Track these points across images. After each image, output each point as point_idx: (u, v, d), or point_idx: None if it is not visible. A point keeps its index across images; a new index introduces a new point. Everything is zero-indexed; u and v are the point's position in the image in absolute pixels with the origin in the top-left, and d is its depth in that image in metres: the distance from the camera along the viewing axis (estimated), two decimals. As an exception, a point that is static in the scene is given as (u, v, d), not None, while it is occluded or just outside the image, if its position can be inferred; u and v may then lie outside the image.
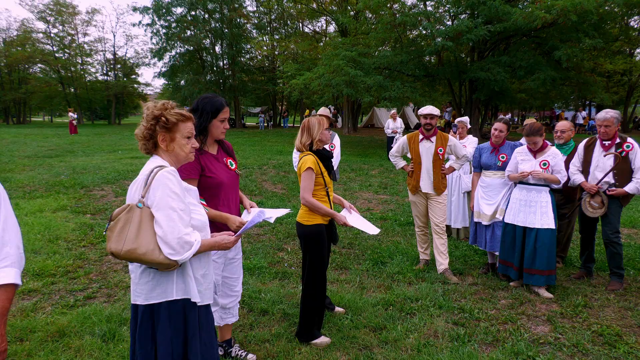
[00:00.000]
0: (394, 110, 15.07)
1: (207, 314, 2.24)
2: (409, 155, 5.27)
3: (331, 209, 3.60)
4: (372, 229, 3.57)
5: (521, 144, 5.00)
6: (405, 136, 5.32)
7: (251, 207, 3.01)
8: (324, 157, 3.55)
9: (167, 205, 1.99)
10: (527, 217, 4.58)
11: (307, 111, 34.35)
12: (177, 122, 2.15)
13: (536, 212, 4.54)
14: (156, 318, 2.09)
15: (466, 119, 6.55)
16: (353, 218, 3.63)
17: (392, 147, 14.68)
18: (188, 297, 2.13)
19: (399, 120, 14.95)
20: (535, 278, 4.55)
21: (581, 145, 4.97)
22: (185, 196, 2.10)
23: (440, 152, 5.05)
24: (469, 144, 6.28)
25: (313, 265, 3.52)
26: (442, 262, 5.10)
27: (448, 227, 6.64)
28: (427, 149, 5.09)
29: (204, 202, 2.44)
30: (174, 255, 1.97)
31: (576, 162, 4.95)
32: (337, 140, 5.98)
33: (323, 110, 5.76)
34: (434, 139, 5.10)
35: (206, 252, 2.23)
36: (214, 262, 2.81)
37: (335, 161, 5.83)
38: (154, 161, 2.14)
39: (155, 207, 2.00)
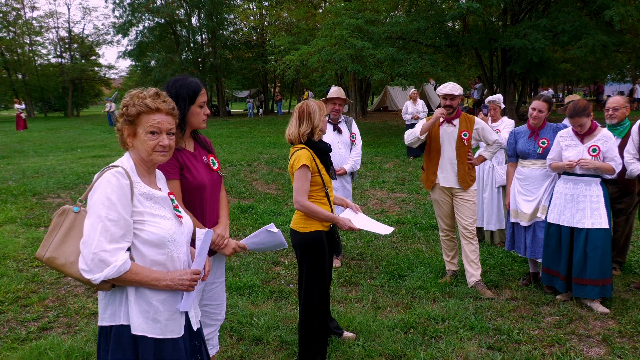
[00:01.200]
0: (413, 89, 14.12)
1: (176, 350, 2.18)
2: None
3: (332, 210, 3.60)
4: (384, 229, 3.57)
5: (565, 126, 4.97)
6: (424, 119, 5.30)
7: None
8: (321, 151, 3.54)
9: (95, 212, 2.02)
10: (575, 215, 4.56)
11: (306, 93, 34.31)
12: (139, 114, 2.18)
13: (585, 208, 4.52)
14: (110, 342, 2.13)
15: (499, 97, 6.53)
16: (359, 219, 3.62)
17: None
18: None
19: (420, 103, 13.69)
20: (587, 289, 4.54)
21: (635, 128, 4.94)
22: (130, 204, 2.08)
23: (465, 137, 5.04)
24: (504, 128, 6.26)
25: (311, 281, 3.52)
26: (473, 273, 5.10)
27: (479, 230, 6.63)
28: (449, 134, 5.08)
29: (180, 214, 2.37)
30: (86, 272, 2.00)
31: (631, 148, 4.92)
32: (356, 129, 5.95)
33: (337, 92, 5.72)
34: (456, 121, 5.08)
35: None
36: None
37: (357, 156, 5.81)
38: (121, 158, 2.23)
39: (87, 213, 2.06)
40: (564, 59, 24.12)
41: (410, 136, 5.11)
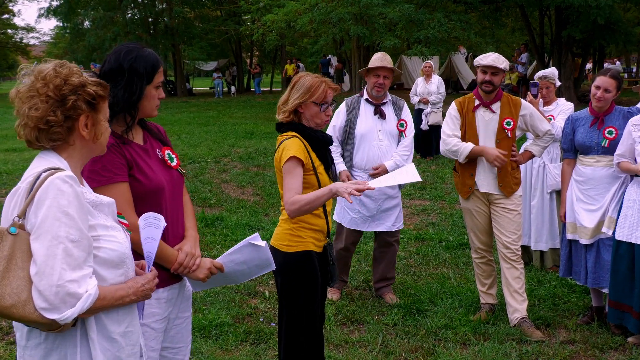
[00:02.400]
0: (428, 62, 13.48)
1: None
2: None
3: (328, 224, 3.63)
4: (409, 175, 3.48)
5: (639, 111, 5.01)
6: (453, 102, 5.31)
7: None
8: (318, 141, 3.56)
9: (50, 233, 2.02)
10: None
11: (291, 66, 34.16)
12: (104, 96, 2.27)
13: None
14: None
15: (552, 71, 6.53)
16: (376, 180, 3.53)
17: (421, 131, 13.25)
18: None
19: (436, 80, 13.07)
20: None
21: None
22: (87, 217, 2.13)
23: (509, 127, 5.06)
24: (559, 114, 6.26)
25: (296, 318, 3.53)
26: (518, 308, 5.11)
27: (526, 250, 6.64)
28: (487, 122, 5.10)
29: (124, 221, 2.43)
30: (49, 311, 2.00)
31: None
32: (408, 114, 5.82)
33: (380, 59, 5.55)
34: (497, 106, 5.10)
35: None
36: (149, 329, 2.80)
37: (407, 150, 5.75)
38: (46, 159, 2.19)
39: (35, 234, 2.05)
40: (639, 20, 24.26)
41: (449, 151, 5.14)
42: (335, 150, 5.56)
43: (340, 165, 5.61)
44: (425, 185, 10.69)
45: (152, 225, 2.39)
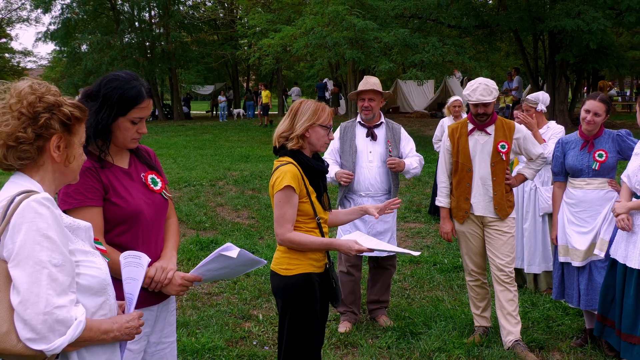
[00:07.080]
0: (455, 98, 9.93)
1: None
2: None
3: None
4: (407, 249, 3.62)
5: (628, 134, 5.04)
6: (446, 129, 5.36)
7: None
8: (312, 170, 3.59)
9: (31, 258, 1.95)
10: (628, 248, 4.54)
11: (265, 92, 33.26)
12: (81, 118, 2.20)
13: (637, 242, 4.48)
14: None
15: (538, 95, 6.54)
16: (370, 239, 3.67)
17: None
18: None
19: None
20: (636, 351, 4.46)
21: None
22: (67, 241, 2.07)
23: (503, 150, 5.10)
24: (550, 138, 6.30)
25: (295, 341, 3.54)
26: (511, 330, 5.12)
27: (519, 273, 6.65)
28: (482, 145, 5.15)
29: (102, 247, 2.39)
30: (37, 342, 1.91)
31: None
32: (405, 137, 5.81)
33: (364, 82, 5.62)
34: (491, 129, 5.15)
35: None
36: (126, 351, 2.66)
37: (417, 158, 5.79)
38: (18, 182, 2.13)
39: (14, 261, 1.96)
40: (631, 44, 24.47)
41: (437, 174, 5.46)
42: (331, 162, 5.60)
43: (334, 167, 5.59)
44: (420, 208, 10.72)
45: (132, 264, 2.31)
